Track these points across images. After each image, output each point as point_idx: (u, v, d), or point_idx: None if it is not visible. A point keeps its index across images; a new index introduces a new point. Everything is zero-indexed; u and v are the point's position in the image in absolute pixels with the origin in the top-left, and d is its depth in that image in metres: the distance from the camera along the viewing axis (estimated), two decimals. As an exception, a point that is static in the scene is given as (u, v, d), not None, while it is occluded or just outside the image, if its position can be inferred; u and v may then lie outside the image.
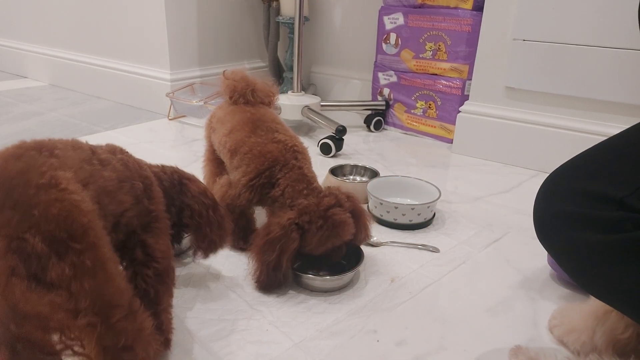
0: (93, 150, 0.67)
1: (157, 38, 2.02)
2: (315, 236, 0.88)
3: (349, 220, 0.90)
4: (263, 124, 1.03)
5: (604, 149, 0.64)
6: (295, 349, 0.79)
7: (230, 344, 0.79)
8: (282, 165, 0.95)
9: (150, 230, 0.72)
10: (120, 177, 0.66)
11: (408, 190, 1.30)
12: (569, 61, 1.43)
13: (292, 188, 0.93)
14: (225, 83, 1.13)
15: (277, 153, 0.96)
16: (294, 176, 0.94)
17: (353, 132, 1.90)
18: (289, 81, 2.18)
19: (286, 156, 0.96)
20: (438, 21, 1.75)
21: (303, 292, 0.93)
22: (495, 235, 1.16)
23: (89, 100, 2.35)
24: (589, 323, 0.72)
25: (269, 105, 1.15)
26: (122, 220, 0.66)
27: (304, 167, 0.97)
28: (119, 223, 0.65)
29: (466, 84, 1.74)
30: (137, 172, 0.72)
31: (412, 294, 0.94)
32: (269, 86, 1.16)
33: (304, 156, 1.00)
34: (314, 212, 0.88)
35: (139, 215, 0.70)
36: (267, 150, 0.97)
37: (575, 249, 0.60)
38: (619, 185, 0.56)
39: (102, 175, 0.63)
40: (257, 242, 0.90)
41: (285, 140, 0.99)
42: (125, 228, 0.67)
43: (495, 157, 1.65)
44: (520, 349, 0.76)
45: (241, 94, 1.10)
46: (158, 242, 0.72)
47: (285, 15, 2.11)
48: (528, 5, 1.46)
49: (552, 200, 0.63)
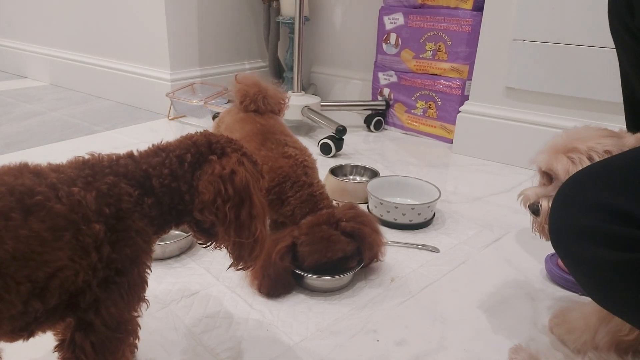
0: (29, 189, 0.51)
1: (157, 38, 2.02)
2: (309, 257, 0.90)
3: (333, 237, 0.90)
4: (273, 136, 1.02)
5: (628, 160, 0.62)
6: (296, 348, 0.79)
7: (230, 344, 0.79)
8: (293, 182, 0.96)
9: (107, 287, 0.56)
10: (55, 225, 0.51)
11: (408, 190, 1.30)
12: (569, 61, 1.43)
13: (300, 209, 0.94)
14: (237, 87, 1.12)
15: (288, 169, 0.96)
16: (303, 197, 0.95)
17: (353, 132, 1.90)
18: (289, 81, 2.18)
19: (297, 172, 0.96)
20: (438, 21, 1.75)
21: (303, 292, 0.93)
22: (495, 235, 1.16)
23: (89, 100, 2.35)
24: (591, 323, 0.72)
25: (278, 113, 1.15)
26: (52, 283, 0.51)
27: (313, 184, 0.97)
28: (46, 287, 0.51)
29: (466, 84, 1.74)
30: (97, 210, 0.55)
31: (412, 294, 0.94)
32: (280, 93, 1.15)
33: (313, 171, 1.00)
34: (315, 233, 0.90)
35: (91, 270, 0.54)
36: (278, 165, 0.97)
37: (594, 265, 0.58)
38: None
39: (14, 235, 0.48)
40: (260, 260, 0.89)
41: (296, 155, 0.99)
42: (60, 290, 0.52)
43: (495, 157, 1.65)
44: (520, 347, 0.76)
45: (253, 99, 1.09)
46: (113, 304, 0.57)
47: (285, 15, 2.11)
48: (528, 5, 1.46)
49: (572, 211, 0.61)
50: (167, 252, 1.02)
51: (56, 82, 2.62)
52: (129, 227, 0.57)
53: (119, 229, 0.56)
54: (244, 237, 0.63)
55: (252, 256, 0.66)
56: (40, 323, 0.54)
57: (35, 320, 0.52)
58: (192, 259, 1.03)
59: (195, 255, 1.05)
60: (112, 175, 0.57)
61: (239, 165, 0.63)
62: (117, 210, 0.56)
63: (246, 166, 0.64)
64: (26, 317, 0.51)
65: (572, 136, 0.68)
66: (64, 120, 2.00)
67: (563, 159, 0.65)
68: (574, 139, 0.66)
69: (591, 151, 0.63)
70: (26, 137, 1.78)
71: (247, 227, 0.63)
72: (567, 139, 0.68)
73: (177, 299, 0.90)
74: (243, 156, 0.65)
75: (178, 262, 1.02)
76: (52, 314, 0.54)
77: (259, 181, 0.66)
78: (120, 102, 2.30)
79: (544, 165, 0.68)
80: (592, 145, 0.63)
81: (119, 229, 0.56)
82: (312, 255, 0.90)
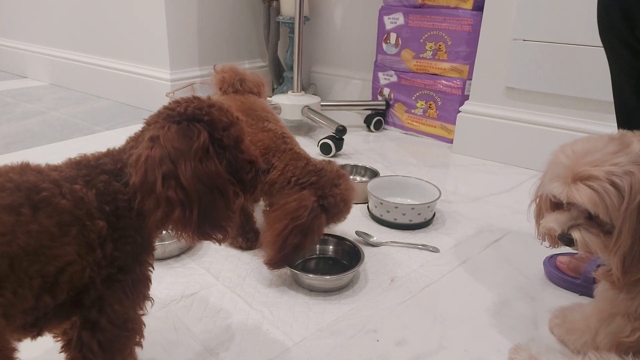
0: (35, 186, 0.51)
1: (157, 38, 2.02)
2: (334, 217, 0.93)
3: (354, 185, 0.98)
4: (253, 112, 1.04)
5: None
6: (296, 348, 0.79)
7: (230, 344, 0.79)
8: (275, 151, 0.97)
9: (110, 284, 0.56)
10: (62, 221, 0.51)
11: (408, 190, 1.30)
12: (569, 61, 1.43)
13: (293, 165, 0.95)
14: (215, 77, 1.15)
15: (268, 141, 0.98)
16: (288, 156, 0.96)
17: (353, 132, 1.90)
18: (289, 81, 2.18)
19: (277, 142, 0.98)
20: (438, 21, 1.75)
21: (303, 292, 0.93)
22: (495, 235, 1.16)
23: (89, 99, 2.35)
24: (591, 324, 0.72)
25: (258, 94, 1.16)
26: (62, 278, 0.51)
27: (294, 148, 0.99)
28: (56, 282, 0.51)
29: (466, 84, 1.74)
30: (98, 207, 0.55)
31: (412, 294, 0.94)
32: (258, 77, 1.18)
33: (292, 140, 1.02)
34: (336, 195, 0.92)
35: (96, 266, 0.54)
36: (258, 139, 0.98)
37: None
38: None
39: (25, 230, 0.48)
40: (281, 226, 0.89)
41: (275, 129, 1.01)
42: (68, 285, 0.52)
43: (495, 157, 1.65)
44: (520, 347, 0.76)
45: (230, 83, 1.12)
46: (117, 301, 0.57)
47: (285, 15, 2.11)
48: (528, 5, 1.46)
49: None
50: (167, 252, 1.02)
51: (56, 82, 2.62)
52: (128, 225, 0.57)
53: (119, 226, 0.56)
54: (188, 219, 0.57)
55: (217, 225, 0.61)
56: (49, 319, 0.54)
57: (45, 316, 0.53)
58: (192, 259, 1.03)
59: (195, 255, 1.05)
60: (104, 174, 0.57)
61: (151, 142, 0.57)
62: (116, 208, 0.56)
63: (165, 137, 0.57)
64: (36, 312, 0.51)
65: (580, 156, 0.65)
66: (64, 120, 2.00)
67: (584, 190, 0.62)
68: (585, 162, 0.64)
69: (612, 176, 0.61)
70: (26, 137, 1.78)
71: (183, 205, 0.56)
72: (575, 160, 0.65)
73: (177, 299, 0.90)
74: (170, 126, 0.58)
75: (178, 262, 1.02)
76: (60, 311, 0.54)
77: (198, 140, 0.58)
78: (120, 102, 2.29)
79: (564, 197, 0.66)
80: (611, 169, 0.61)
81: (119, 227, 0.56)
82: (346, 211, 0.94)
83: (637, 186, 0.60)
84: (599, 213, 0.63)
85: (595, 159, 0.63)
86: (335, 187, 0.93)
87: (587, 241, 0.66)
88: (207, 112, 0.60)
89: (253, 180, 0.65)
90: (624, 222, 0.61)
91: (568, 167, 0.66)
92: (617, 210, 0.61)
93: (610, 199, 0.61)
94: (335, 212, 0.93)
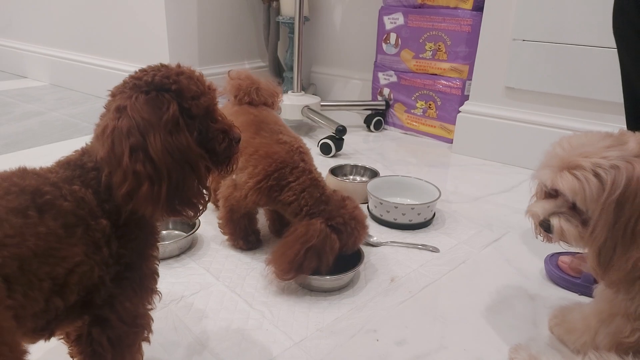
0: (37, 189, 0.51)
1: (157, 38, 2.02)
2: (351, 237, 0.93)
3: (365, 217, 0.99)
4: (267, 125, 1.03)
5: None
6: (295, 348, 0.79)
7: (230, 343, 0.79)
8: (292, 167, 0.95)
9: (119, 282, 0.56)
10: (67, 222, 0.51)
11: (408, 190, 1.30)
12: (569, 61, 1.43)
13: (309, 194, 0.94)
14: (230, 83, 1.13)
15: (285, 154, 0.96)
16: (307, 182, 0.95)
17: (353, 132, 1.90)
18: (289, 81, 2.18)
19: (294, 158, 0.97)
20: (438, 21, 1.75)
21: (303, 292, 0.93)
22: (495, 235, 1.16)
23: (89, 99, 2.35)
24: (591, 324, 0.72)
25: (272, 106, 1.16)
26: (71, 279, 0.51)
27: (313, 170, 0.98)
28: (65, 284, 0.50)
29: (466, 84, 1.74)
30: (99, 206, 0.54)
31: (412, 294, 0.94)
32: (274, 86, 1.17)
33: (309, 157, 1.01)
34: (344, 215, 0.93)
35: (104, 265, 0.54)
36: (274, 151, 0.97)
37: None
38: None
39: (34, 232, 0.48)
40: (294, 252, 0.88)
41: (291, 142, 1.00)
42: (78, 287, 0.52)
43: (495, 157, 1.65)
44: (520, 347, 0.76)
45: (246, 92, 1.10)
46: (127, 299, 0.57)
47: (285, 15, 2.11)
48: (528, 5, 1.46)
49: None
50: (167, 252, 1.02)
51: (56, 82, 2.62)
52: (129, 222, 0.57)
53: (120, 224, 0.56)
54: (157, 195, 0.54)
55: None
56: (61, 321, 0.54)
57: (56, 319, 0.52)
58: (192, 258, 1.03)
59: (195, 255, 1.05)
60: (92, 171, 0.56)
61: (117, 112, 0.54)
62: (115, 206, 0.55)
63: (132, 107, 0.54)
64: (47, 314, 0.51)
65: (575, 148, 0.65)
66: (64, 120, 2.00)
67: (568, 177, 0.63)
68: (577, 153, 0.64)
69: (597, 168, 0.61)
70: (26, 137, 1.78)
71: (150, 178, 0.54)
72: (569, 151, 0.66)
73: (177, 299, 0.90)
74: (138, 96, 0.55)
75: (178, 262, 1.02)
76: (71, 311, 0.54)
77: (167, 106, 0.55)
78: (120, 102, 2.29)
79: (549, 184, 0.67)
80: (598, 162, 0.61)
81: (120, 224, 0.56)
82: (362, 238, 0.96)
83: (619, 181, 0.60)
84: (576, 201, 0.63)
85: (586, 151, 0.64)
86: (342, 208, 0.94)
87: (564, 229, 0.66)
88: (175, 81, 0.57)
89: (227, 151, 0.63)
90: (601, 215, 0.62)
91: (561, 157, 0.66)
92: (596, 201, 0.61)
93: (590, 188, 0.61)
94: (348, 231, 0.93)
